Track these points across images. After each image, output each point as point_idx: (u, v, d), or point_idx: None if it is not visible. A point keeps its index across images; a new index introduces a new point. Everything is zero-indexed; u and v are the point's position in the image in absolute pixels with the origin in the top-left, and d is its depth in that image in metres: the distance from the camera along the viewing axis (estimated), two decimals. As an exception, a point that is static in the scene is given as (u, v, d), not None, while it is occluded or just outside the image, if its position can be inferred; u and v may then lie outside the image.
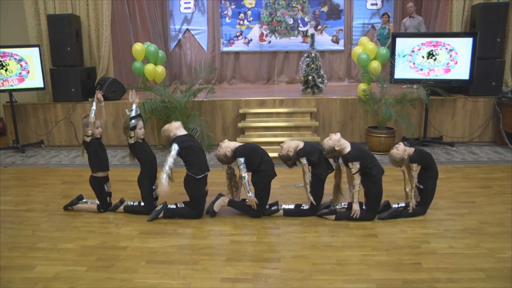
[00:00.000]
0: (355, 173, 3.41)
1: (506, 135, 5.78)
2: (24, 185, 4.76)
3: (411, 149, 3.52)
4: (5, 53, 5.98)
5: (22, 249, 3.14)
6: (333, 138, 3.45)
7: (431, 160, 3.56)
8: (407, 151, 3.48)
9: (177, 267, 2.84)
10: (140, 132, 3.70)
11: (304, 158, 3.50)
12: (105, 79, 6.57)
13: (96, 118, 3.68)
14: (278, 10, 9.49)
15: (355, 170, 3.40)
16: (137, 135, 3.69)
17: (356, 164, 3.39)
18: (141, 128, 3.71)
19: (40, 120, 6.50)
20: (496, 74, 6.05)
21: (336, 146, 3.42)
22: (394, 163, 3.54)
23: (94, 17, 6.64)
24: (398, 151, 3.48)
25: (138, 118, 3.69)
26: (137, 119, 3.66)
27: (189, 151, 3.52)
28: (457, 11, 6.25)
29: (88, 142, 3.69)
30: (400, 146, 3.50)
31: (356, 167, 3.39)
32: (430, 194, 3.58)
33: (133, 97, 3.77)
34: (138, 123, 3.66)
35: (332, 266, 2.81)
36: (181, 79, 9.71)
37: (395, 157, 3.49)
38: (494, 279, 2.60)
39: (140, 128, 3.71)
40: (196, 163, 3.54)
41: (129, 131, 3.64)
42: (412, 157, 3.47)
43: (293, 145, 3.58)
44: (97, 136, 3.75)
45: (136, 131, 3.66)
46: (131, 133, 3.64)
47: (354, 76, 9.52)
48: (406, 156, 3.46)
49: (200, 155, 3.61)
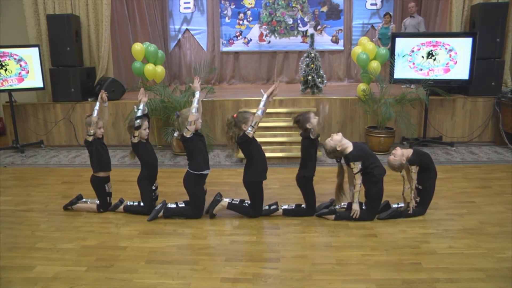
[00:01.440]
0: (357, 173, 3.40)
1: (506, 135, 5.78)
2: (23, 185, 4.76)
3: (409, 151, 3.50)
4: (4, 53, 5.97)
5: (21, 249, 3.14)
6: (334, 139, 3.45)
7: (429, 161, 3.56)
8: (405, 154, 3.45)
9: (177, 267, 2.84)
10: (144, 132, 3.69)
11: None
12: (104, 79, 6.57)
13: (98, 118, 3.68)
14: (278, 10, 9.48)
15: (356, 170, 3.40)
16: (141, 135, 3.68)
17: (357, 164, 3.39)
18: (145, 128, 3.70)
19: (40, 120, 6.49)
20: (496, 74, 6.05)
21: (338, 146, 3.41)
22: (394, 169, 3.50)
23: (94, 17, 6.64)
24: (395, 157, 3.43)
25: (144, 118, 3.67)
26: (142, 119, 3.64)
27: (195, 144, 3.51)
28: (456, 11, 6.25)
29: (90, 142, 3.69)
30: (398, 152, 3.44)
31: (357, 167, 3.39)
32: (429, 195, 3.58)
33: (141, 95, 3.74)
34: (143, 123, 3.65)
35: (332, 266, 2.81)
36: (180, 79, 9.70)
37: (393, 164, 3.45)
38: (494, 279, 2.60)
39: (145, 128, 3.69)
40: (199, 158, 3.54)
41: (133, 130, 3.62)
42: (410, 160, 3.45)
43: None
44: (99, 136, 3.75)
45: (140, 131, 3.64)
46: (135, 133, 3.62)
47: (353, 76, 9.52)
48: (405, 160, 3.43)
49: (204, 152, 3.61)
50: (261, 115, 3.40)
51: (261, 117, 3.41)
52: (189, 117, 3.43)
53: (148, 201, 3.72)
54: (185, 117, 3.49)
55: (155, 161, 3.82)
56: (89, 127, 3.67)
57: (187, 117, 3.45)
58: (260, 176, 3.57)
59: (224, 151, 5.99)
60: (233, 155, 5.62)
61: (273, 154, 5.44)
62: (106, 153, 3.81)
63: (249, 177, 3.56)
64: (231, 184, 4.53)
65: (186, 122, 3.45)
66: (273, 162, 5.42)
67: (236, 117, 3.49)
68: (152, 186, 3.78)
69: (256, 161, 3.55)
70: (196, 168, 3.53)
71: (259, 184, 3.58)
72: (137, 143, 3.67)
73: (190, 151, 3.55)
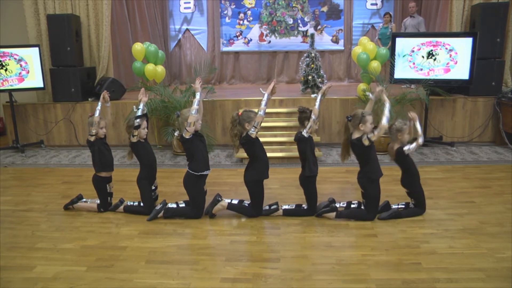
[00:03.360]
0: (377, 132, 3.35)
1: (506, 135, 5.78)
2: (24, 185, 4.76)
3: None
4: (5, 53, 5.98)
5: (21, 249, 3.14)
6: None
7: (410, 163, 3.57)
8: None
9: (177, 267, 2.84)
10: (143, 132, 3.69)
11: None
12: (105, 79, 6.57)
13: (100, 118, 3.68)
14: (278, 10, 9.48)
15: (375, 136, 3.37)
16: (140, 135, 3.68)
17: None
18: (144, 128, 3.70)
19: (40, 120, 6.49)
20: (496, 74, 6.05)
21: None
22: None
23: (94, 17, 6.64)
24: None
25: (143, 118, 3.67)
26: (141, 118, 3.64)
27: (195, 144, 3.51)
28: (457, 11, 6.25)
29: (92, 142, 3.69)
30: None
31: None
32: (420, 194, 3.59)
33: (141, 95, 3.75)
34: (142, 123, 3.65)
35: (332, 266, 2.81)
36: (181, 79, 9.70)
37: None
38: (494, 279, 2.60)
39: (144, 128, 3.69)
40: (199, 158, 3.54)
41: (132, 130, 3.63)
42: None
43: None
44: (101, 136, 3.75)
45: (140, 130, 3.65)
46: (134, 132, 3.63)
47: (354, 76, 9.51)
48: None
49: (204, 153, 3.61)
50: (263, 114, 3.41)
51: (263, 117, 3.42)
52: (189, 118, 3.43)
53: (148, 201, 3.72)
54: (185, 117, 3.49)
55: (154, 161, 3.82)
56: (91, 127, 3.67)
57: (187, 118, 3.45)
58: (262, 175, 3.57)
59: (224, 151, 5.99)
60: (233, 155, 5.62)
61: (273, 154, 5.43)
62: (109, 153, 3.81)
63: (250, 175, 3.56)
64: (231, 184, 4.53)
65: (185, 123, 3.45)
66: (273, 162, 5.41)
67: (241, 115, 3.49)
68: (152, 186, 3.78)
69: (259, 160, 3.56)
70: (196, 168, 3.53)
71: (260, 183, 3.59)
72: (136, 143, 3.67)
73: (190, 152, 3.55)
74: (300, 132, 3.54)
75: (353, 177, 4.51)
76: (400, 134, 3.48)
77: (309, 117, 3.49)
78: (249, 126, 3.43)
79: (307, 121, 3.51)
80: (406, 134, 3.50)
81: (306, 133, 3.50)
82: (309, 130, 3.49)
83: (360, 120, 3.41)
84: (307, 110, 3.54)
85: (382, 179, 3.51)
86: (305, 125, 3.52)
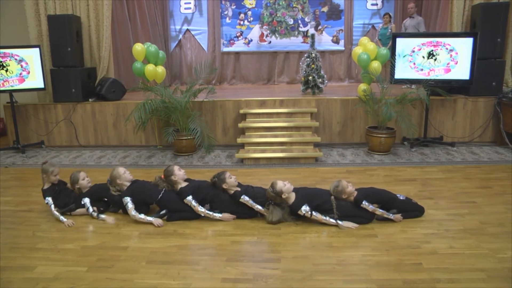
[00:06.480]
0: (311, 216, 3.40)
1: (507, 135, 5.78)
2: (24, 185, 4.76)
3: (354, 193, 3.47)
4: (5, 53, 5.98)
5: (22, 250, 3.14)
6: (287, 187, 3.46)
7: (377, 194, 3.54)
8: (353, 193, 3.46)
9: (178, 268, 2.84)
10: (84, 183, 3.91)
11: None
12: (105, 80, 6.57)
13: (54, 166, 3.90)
14: (279, 10, 9.49)
15: (307, 215, 3.40)
16: (82, 186, 3.92)
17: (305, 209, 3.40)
18: (83, 178, 3.95)
19: (41, 120, 6.50)
20: (497, 74, 6.04)
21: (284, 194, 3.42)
22: (338, 192, 3.47)
23: (95, 17, 6.64)
24: (349, 188, 3.43)
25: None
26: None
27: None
28: (457, 11, 6.24)
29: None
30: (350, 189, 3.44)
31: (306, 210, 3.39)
32: (406, 207, 3.55)
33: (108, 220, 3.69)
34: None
35: (333, 266, 2.81)
36: (181, 80, 9.71)
37: (343, 187, 3.44)
38: (495, 279, 2.60)
39: (83, 178, 3.94)
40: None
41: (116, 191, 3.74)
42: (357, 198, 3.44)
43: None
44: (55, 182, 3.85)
45: (80, 182, 3.91)
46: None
47: (354, 76, 9.51)
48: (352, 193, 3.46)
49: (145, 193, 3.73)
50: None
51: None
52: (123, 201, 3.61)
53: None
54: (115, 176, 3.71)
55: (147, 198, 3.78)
56: (45, 174, 3.79)
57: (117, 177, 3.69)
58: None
59: (225, 151, 5.99)
60: (234, 155, 5.62)
61: (273, 154, 5.44)
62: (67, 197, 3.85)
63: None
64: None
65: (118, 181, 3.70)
66: (273, 162, 5.42)
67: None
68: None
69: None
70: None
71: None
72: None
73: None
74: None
75: (353, 177, 4.53)
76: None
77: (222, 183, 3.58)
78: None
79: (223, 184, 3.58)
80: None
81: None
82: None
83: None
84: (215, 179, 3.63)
85: (382, 179, 3.51)
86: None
